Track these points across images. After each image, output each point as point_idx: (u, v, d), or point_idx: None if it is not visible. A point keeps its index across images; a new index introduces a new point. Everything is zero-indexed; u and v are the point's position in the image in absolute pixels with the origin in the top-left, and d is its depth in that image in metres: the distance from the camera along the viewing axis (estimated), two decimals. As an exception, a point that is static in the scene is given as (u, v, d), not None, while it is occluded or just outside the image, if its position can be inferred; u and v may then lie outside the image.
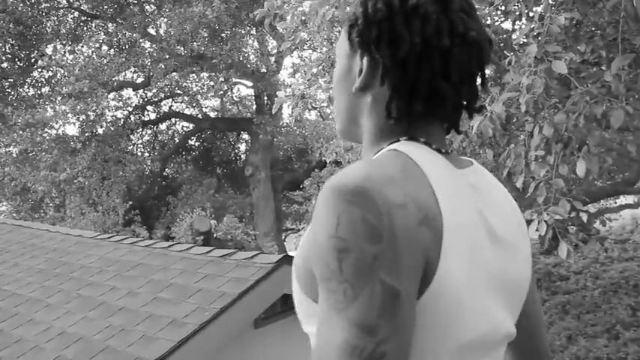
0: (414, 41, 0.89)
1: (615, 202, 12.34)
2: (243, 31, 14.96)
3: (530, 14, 3.19)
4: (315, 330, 0.83)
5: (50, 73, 15.85)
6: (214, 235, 11.22)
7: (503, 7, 3.77)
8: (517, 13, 3.74)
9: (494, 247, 0.91)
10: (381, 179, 0.78)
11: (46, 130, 14.26)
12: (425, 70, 0.89)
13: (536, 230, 2.85)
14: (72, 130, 29.24)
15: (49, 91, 15.51)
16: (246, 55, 15.17)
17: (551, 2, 2.90)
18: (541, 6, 2.63)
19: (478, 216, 0.89)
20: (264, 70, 15.34)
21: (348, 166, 0.81)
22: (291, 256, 4.51)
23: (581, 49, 3.09)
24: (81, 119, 14.17)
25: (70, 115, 14.01)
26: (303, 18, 3.64)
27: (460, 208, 0.85)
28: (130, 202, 13.94)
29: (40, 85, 16.00)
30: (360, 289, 0.72)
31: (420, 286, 0.77)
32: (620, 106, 2.50)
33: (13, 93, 15.34)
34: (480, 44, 0.93)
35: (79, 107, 13.77)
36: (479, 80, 0.97)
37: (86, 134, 14.28)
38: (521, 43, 3.48)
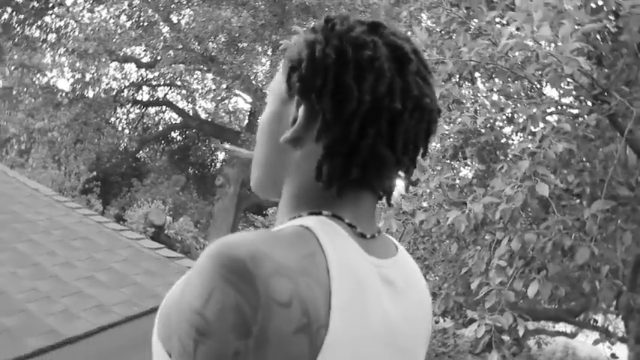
0: (363, 98, 0.77)
1: (554, 327, 12.51)
2: (260, 49, 15.12)
3: (533, 128, 3.32)
4: None
5: (62, 23, 15.72)
6: (165, 232, 11.07)
7: (509, 115, 3.91)
8: (521, 126, 3.88)
9: (391, 357, 0.80)
10: (272, 266, 0.65)
11: (38, 75, 14.07)
12: (369, 133, 0.78)
13: (474, 332, 2.90)
14: (63, 84, 28.80)
15: (55, 39, 15.36)
16: (255, 72, 15.30)
17: (555, 124, 3.04)
18: (546, 130, 2.75)
19: (381, 321, 0.77)
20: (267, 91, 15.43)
21: (244, 234, 0.70)
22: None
23: (569, 179, 3.21)
24: (76, 77, 14.03)
25: (66, 69, 13.87)
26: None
27: (358, 318, 0.73)
28: (95, 173, 13.72)
29: (48, 31, 15.86)
30: None
31: None
32: (587, 245, 2.61)
33: (19, 30, 15.16)
34: (432, 114, 0.84)
35: (77, 65, 13.66)
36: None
37: (76, 93, 14.12)
38: (516, 154, 3.60)
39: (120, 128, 17.91)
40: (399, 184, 0.94)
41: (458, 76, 4.95)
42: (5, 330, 3.18)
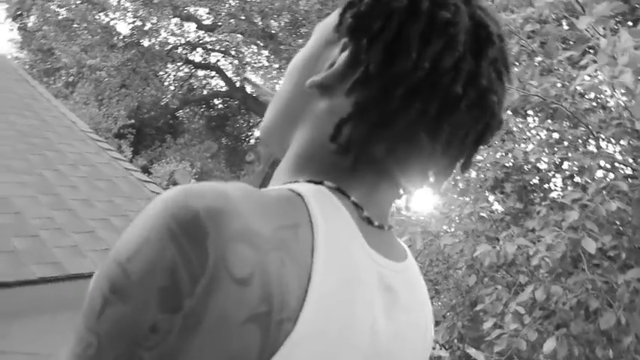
0: (421, 63, 0.61)
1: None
2: (320, 37, 15.08)
3: (587, 180, 3.20)
4: None
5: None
6: (186, 194, 11.13)
7: (558, 161, 3.79)
8: (567, 174, 3.77)
9: None
10: (238, 228, 0.49)
11: (101, 14, 14.25)
12: (413, 107, 0.62)
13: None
14: (123, 28, 29.17)
15: (124, -18, 15.53)
16: (311, 59, 15.26)
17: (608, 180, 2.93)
18: (600, 185, 2.65)
19: (368, 332, 0.60)
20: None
21: (218, 183, 0.53)
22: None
23: (606, 239, 3.09)
24: (136, 24, 14.17)
25: (129, 14, 14.01)
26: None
27: (340, 316, 0.55)
28: (132, 120, 13.87)
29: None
30: (105, 356, 0.47)
31: None
32: (614, 311, 2.50)
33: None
34: (493, 118, 0.68)
35: (140, 12, 13.80)
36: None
37: (133, 39, 14.27)
38: (557, 199, 3.48)
39: (166, 83, 18.07)
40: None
41: (511, 109, 4.84)
42: (14, 251, 3.19)
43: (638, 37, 2.22)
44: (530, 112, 5.56)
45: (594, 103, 3.82)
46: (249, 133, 20.50)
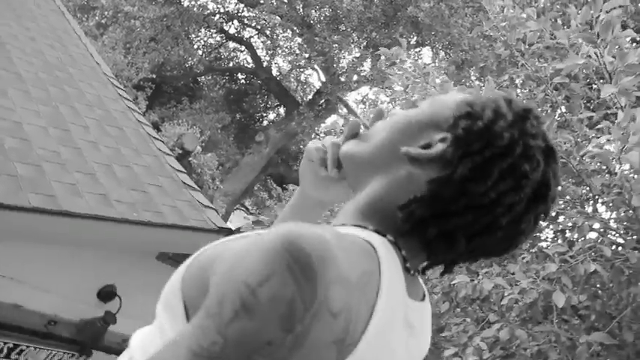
0: (490, 193, 0.79)
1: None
2: (356, 38, 15.11)
3: (576, 237, 3.26)
4: (164, 317, 0.77)
5: None
6: (190, 159, 11.20)
7: (554, 214, 3.85)
8: (560, 227, 3.83)
9: None
10: (336, 273, 0.65)
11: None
12: (466, 217, 0.79)
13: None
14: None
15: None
16: (341, 57, 15.30)
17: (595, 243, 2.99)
18: (585, 245, 2.72)
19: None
20: (343, 81, 15.46)
21: (317, 228, 0.67)
22: (232, 231, 4.48)
23: (580, 298, 3.16)
24: (180, -18, 14.21)
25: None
26: (409, 83, 3.76)
27: (380, 351, 0.73)
28: (154, 75, 13.92)
29: None
30: (227, 355, 0.62)
31: None
32: (570, 368, 2.57)
33: None
34: (510, 247, 0.87)
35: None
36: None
37: (173, -4, 14.31)
38: (544, 249, 3.54)
39: (195, 46, 18.08)
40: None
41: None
42: (16, 176, 3.26)
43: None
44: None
45: (604, 166, 3.88)
46: (264, 114, 20.52)
